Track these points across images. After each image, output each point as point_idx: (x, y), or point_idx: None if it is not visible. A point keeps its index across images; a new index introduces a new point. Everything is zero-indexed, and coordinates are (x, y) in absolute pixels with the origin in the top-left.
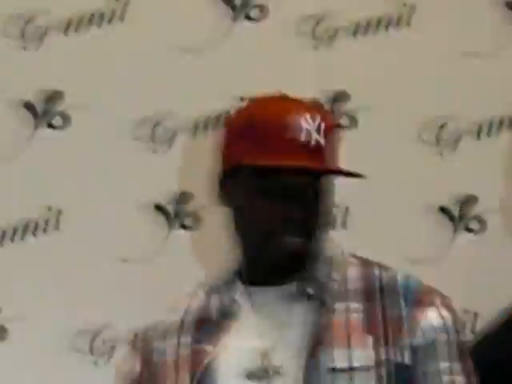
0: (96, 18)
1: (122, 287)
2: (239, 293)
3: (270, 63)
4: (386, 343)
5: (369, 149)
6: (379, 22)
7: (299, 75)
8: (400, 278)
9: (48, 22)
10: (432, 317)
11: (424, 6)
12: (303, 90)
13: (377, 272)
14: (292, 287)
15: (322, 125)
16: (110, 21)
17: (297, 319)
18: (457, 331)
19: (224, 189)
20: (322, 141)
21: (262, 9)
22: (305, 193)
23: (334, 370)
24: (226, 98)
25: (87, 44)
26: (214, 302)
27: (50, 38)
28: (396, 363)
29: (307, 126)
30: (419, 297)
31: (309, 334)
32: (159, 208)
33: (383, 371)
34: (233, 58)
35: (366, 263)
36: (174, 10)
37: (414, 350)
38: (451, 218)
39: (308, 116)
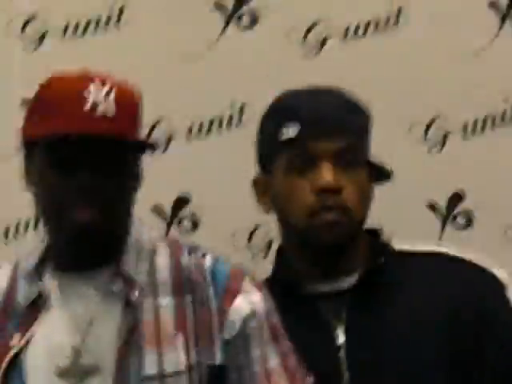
0: None
1: None
2: (48, 279)
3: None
4: (197, 343)
5: None
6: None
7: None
8: (207, 264)
9: None
10: (240, 305)
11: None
12: None
13: (185, 259)
14: (102, 278)
15: (112, 94)
16: None
17: (108, 315)
18: (268, 314)
19: (24, 167)
20: (111, 109)
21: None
22: (97, 162)
23: (144, 378)
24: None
25: None
26: (21, 287)
27: None
28: (208, 365)
29: (93, 95)
30: (226, 284)
31: (119, 334)
32: None
33: (195, 376)
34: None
35: (175, 248)
36: None
37: (226, 345)
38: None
39: (96, 85)
